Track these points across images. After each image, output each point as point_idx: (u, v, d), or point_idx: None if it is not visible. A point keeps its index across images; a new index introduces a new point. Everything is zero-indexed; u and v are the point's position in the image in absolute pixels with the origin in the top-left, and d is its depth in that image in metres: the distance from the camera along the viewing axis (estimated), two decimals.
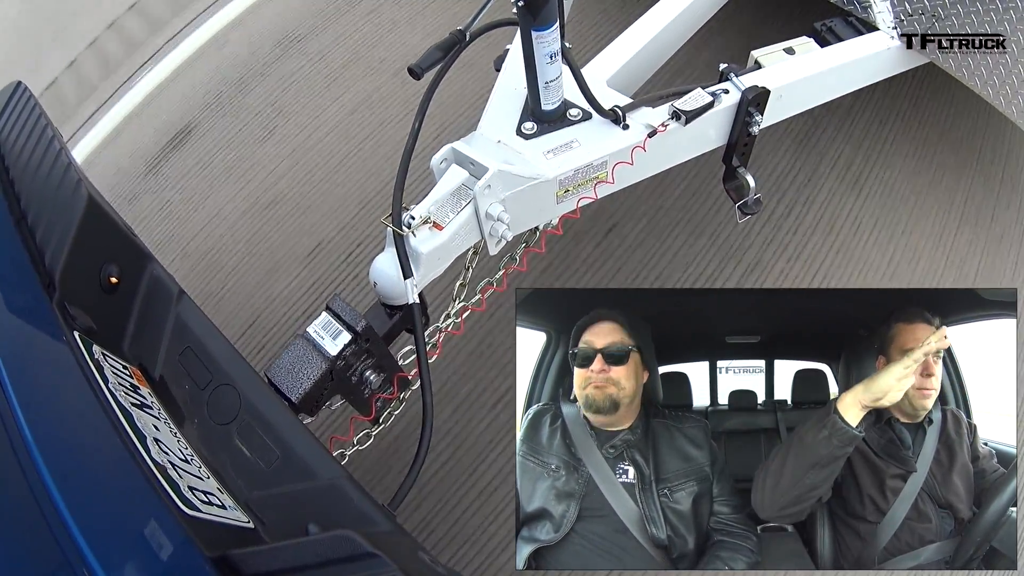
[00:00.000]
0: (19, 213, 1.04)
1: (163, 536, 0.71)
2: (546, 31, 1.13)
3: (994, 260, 1.93)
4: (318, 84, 2.53)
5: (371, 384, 1.15)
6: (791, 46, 1.53)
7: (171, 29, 2.86)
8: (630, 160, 1.29)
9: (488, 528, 1.61)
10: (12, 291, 0.96)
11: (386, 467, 1.67)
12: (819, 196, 2.07)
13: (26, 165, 1.07)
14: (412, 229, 1.11)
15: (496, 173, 1.15)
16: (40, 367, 0.88)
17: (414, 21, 2.65)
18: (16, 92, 1.15)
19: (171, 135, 2.51)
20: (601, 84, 1.40)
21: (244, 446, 0.97)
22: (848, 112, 2.23)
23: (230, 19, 2.83)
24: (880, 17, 1.60)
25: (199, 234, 2.22)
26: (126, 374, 0.97)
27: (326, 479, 0.91)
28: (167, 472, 0.81)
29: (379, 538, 0.69)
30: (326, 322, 1.08)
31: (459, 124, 2.28)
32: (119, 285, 1.05)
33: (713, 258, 1.96)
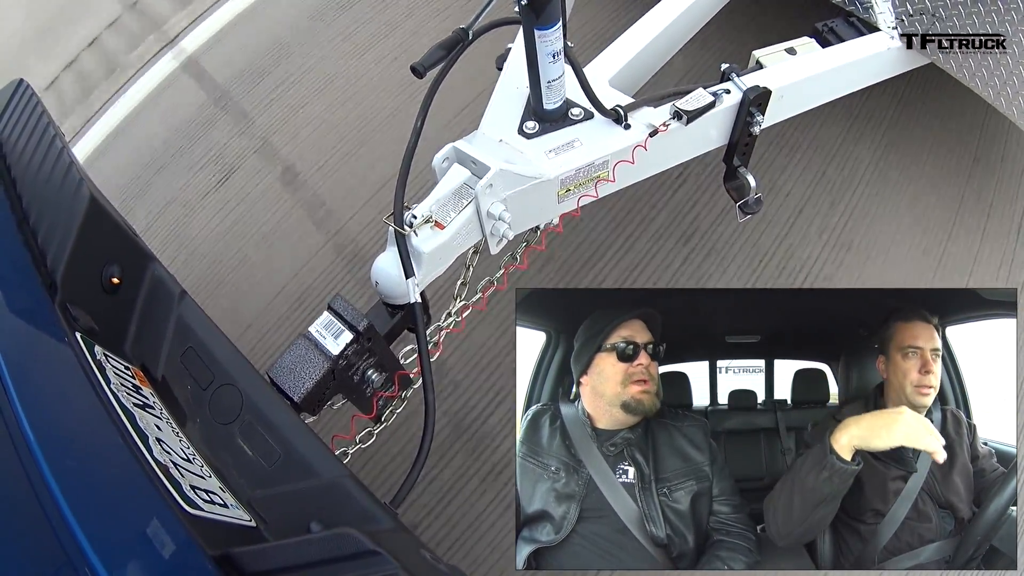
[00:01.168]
0: (21, 214, 1.04)
1: (165, 535, 0.71)
2: (549, 30, 1.13)
3: (994, 260, 1.93)
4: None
5: (373, 383, 1.15)
6: (792, 46, 1.53)
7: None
8: (631, 159, 1.29)
9: (489, 527, 1.61)
10: (14, 292, 0.96)
11: (388, 465, 1.67)
12: (819, 196, 2.07)
13: (28, 165, 1.07)
14: (414, 228, 1.11)
15: (498, 172, 1.15)
16: (42, 368, 0.88)
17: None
18: (18, 90, 1.15)
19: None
20: (603, 83, 1.40)
21: (246, 445, 0.97)
22: (847, 111, 2.23)
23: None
24: (881, 18, 1.60)
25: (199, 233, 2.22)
26: (128, 374, 0.97)
27: (328, 478, 0.92)
28: (169, 471, 0.81)
29: (381, 536, 0.70)
30: (328, 321, 1.08)
31: (460, 123, 2.28)
32: (121, 286, 1.05)
33: (713, 258, 1.96)
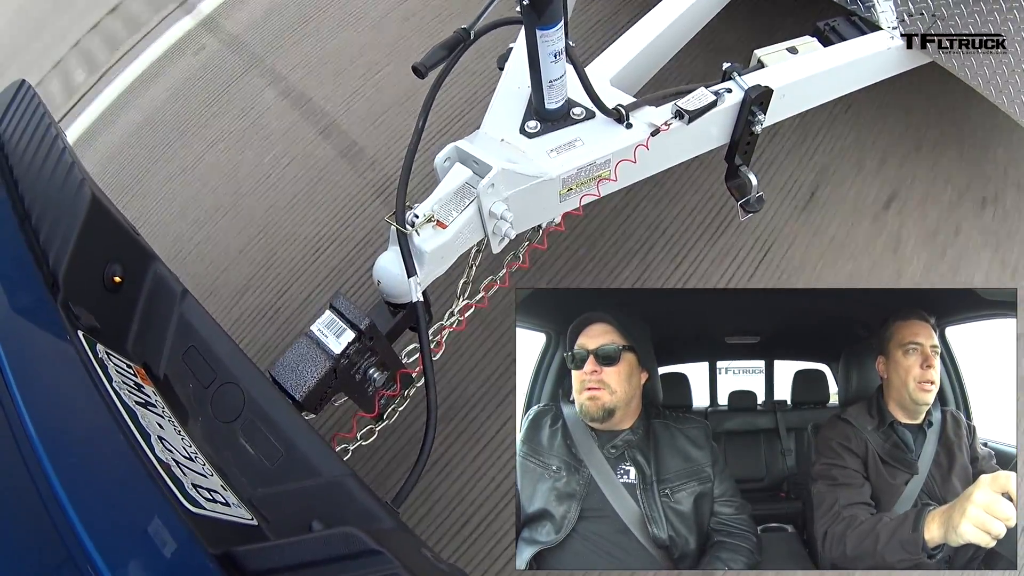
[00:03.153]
0: (23, 213, 1.04)
1: (167, 533, 0.72)
2: (550, 30, 1.13)
3: (994, 260, 1.93)
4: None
5: (375, 382, 1.16)
6: (794, 45, 1.53)
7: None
8: (633, 158, 1.29)
9: (490, 526, 1.61)
10: (16, 291, 0.96)
11: (390, 464, 1.67)
12: (818, 196, 2.07)
13: (30, 164, 1.07)
14: (416, 228, 1.11)
15: (499, 172, 1.15)
16: (44, 366, 0.88)
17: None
18: (20, 91, 1.15)
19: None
20: (604, 83, 1.40)
21: (248, 444, 0.97)
22: (847, 111, 2.22)
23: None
24: (883, 17, 1.59)
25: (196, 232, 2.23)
26: (130, 373, 0.97)
27: (330, 476, 0.92)
28: (171, 470, 0.81)
29: (382, 535, 0.70)
30: (330, 320, 1.08)
31: (462, 123, 2.28)
32: (122, 284, 1.05)
33: (712, 258, 1.96)
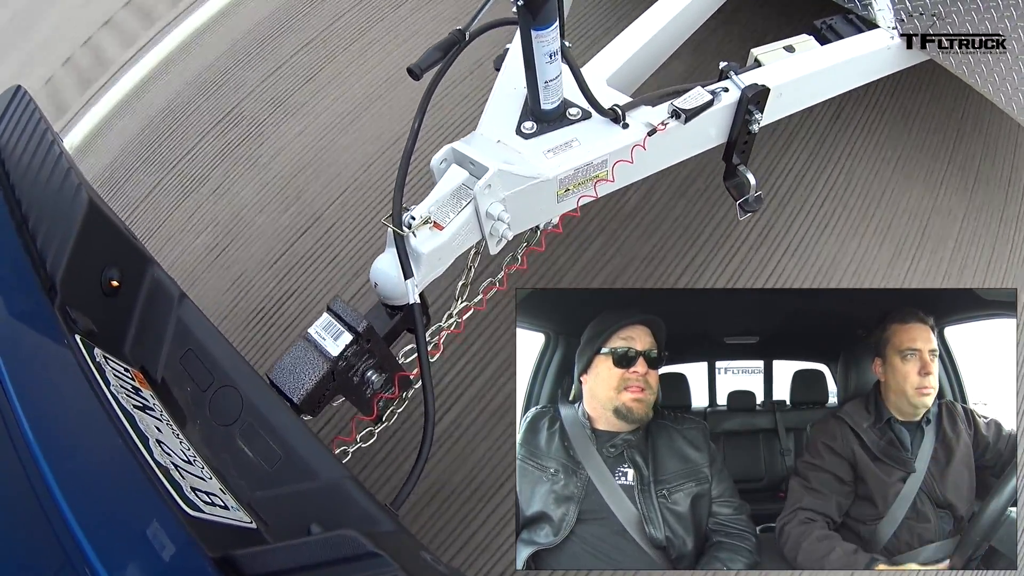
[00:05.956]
0: (20, 218, 1.04)
1: (166, 537, 0.72)
2: (546, 30, 1.13)
3: (994, 260, 1.93)
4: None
5: (373, 384, 1.16)
6: (791, 44, 1.53)
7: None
8: (630, 159, 1.29)
9: (489, 527, 1.61)
10: (14, 295, 0.96)
11: (389, 467, 1.67)
12: (817, 195, 2.07)
13: (27, 170, 1.08)
14: (412, 229, 1.11)
15: (496, 173, 1.15)
16: (42, 370, 0.88)
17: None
18: (16, 96, 1.15)
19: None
20: (601, 83, 1.40)
21: (246, 447, 0.97)
22: (845, 110, 2.22)
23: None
24: (880, 15, 1.59)
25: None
26: (128, 376, 0.97)
27: (328, 479, 0.92)
28: (169, 473, 0.81)
29: (381, 538, 0.70)
30: (327, 323, 1.08)
31: (460, 124, 2.28)
32: (120, 288, 1.05)
33: (712, 258, 1.96)
